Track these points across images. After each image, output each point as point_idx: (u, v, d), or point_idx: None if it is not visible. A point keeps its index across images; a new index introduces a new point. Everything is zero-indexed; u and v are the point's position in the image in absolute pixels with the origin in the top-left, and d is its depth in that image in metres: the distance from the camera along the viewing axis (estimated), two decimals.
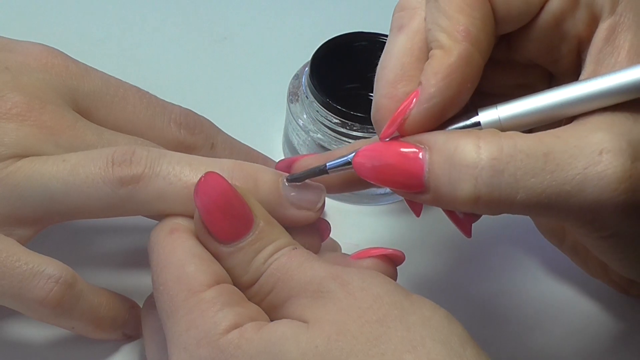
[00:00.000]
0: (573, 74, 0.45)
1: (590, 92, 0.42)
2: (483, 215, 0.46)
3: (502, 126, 0.42)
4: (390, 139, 0.43)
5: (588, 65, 0.43)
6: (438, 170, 0.41)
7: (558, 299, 0.56)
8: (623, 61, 0.42)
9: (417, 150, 0.41)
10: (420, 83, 0.42)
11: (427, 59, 0.43)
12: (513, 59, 0.46)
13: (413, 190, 0.42)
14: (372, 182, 0.43)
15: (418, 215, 0.47)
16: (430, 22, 0.43)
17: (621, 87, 0.41)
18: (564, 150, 0.40)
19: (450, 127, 0.43)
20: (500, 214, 0.42)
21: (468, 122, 0.43)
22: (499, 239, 0.57)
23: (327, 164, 0.45)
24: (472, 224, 0.46)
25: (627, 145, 0.40)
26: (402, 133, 0.43)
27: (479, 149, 0.40)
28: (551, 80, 0.47)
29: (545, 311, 0.55)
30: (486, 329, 0.54)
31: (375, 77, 0.45)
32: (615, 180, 0.40)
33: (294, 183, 0.46)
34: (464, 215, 0.45)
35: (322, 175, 0.46)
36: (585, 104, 0.42)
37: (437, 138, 0.41)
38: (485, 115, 0.43)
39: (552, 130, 0.41)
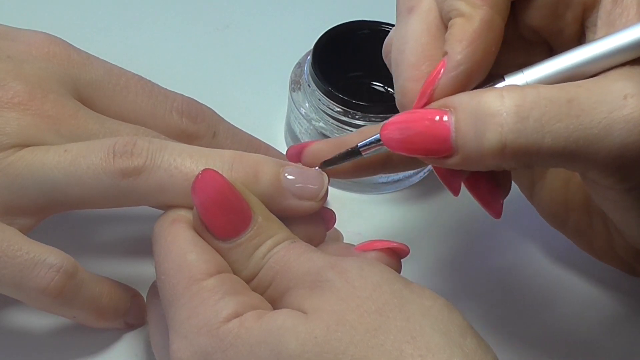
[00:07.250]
0: (575, 46, 0.45)
1: (613, 47, 0.42)
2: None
3: None
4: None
5: (600, 29, 0.43)
6: (464, 126, 0.41)
7: (563, 284, 0.56)
8: (634, 19, 0.42)
9: (443, 113, 0.41)
10: (445, 53, 0.42)
11: (444, 36, 0.43)
12: (517, 34, 0.46)
13: (442, 155, 0.42)
14: (401, 153, 0.43)
15: (456, 194, 0.46)
16: None
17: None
18: (588, 96, 0.40)
19: None
20: (528, 166, 0.42)
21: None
22: (503, 228, 0.57)
23: (358, 144, 0.45)
24: (502, 205, 0.46)
25: None
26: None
27: (502, 98, 0.41)
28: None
29: (551, 299, 0.55)
30: (490, 319, 0.54)
31: (393, 62, 0.45)
32: None
33: (328, 168, 0.47)
34: (492, 193, 0.45)
35: (357, 157, 0.46)
36: (608, 59, 0.42)
37: (461, 98, 0.42)
38: (513, 81, 0.43)
39: (573, 82, 0.42)
